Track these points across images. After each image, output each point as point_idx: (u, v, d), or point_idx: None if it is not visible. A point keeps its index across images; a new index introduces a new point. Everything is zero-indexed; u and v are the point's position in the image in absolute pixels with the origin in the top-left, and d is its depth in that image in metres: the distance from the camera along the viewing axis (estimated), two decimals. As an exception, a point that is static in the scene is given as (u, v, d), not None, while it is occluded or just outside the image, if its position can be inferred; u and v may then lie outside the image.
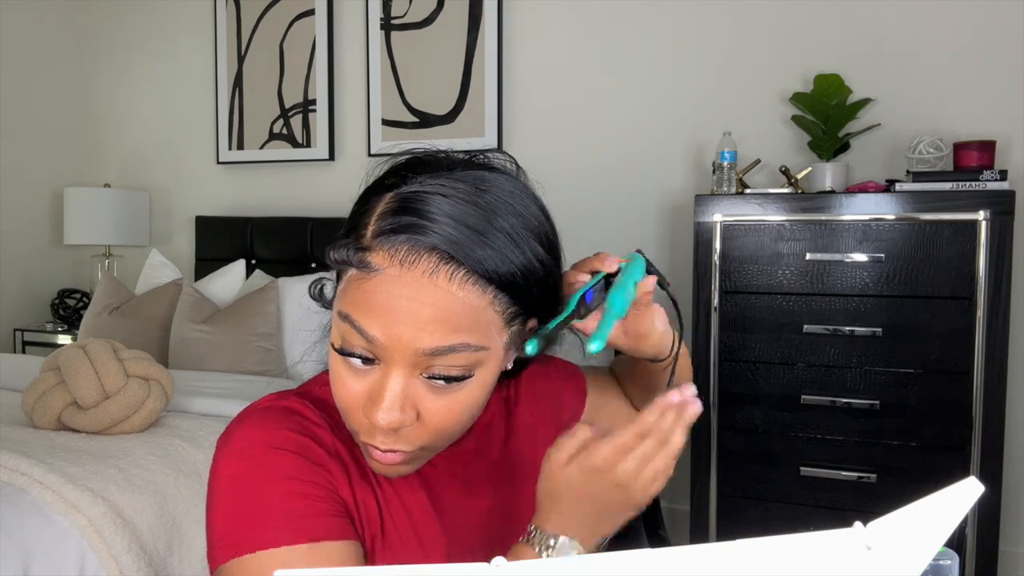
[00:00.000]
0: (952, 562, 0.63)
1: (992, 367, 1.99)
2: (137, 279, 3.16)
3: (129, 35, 3.61)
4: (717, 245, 2.23)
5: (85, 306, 3.37)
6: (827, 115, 2.32)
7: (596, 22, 2.79)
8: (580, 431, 0.62)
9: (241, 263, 3.09)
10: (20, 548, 1.42)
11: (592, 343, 0.64)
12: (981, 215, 1.99)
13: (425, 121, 3.04)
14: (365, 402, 0.62)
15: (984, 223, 1.98)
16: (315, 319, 0.74)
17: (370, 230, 0.61)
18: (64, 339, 3.31)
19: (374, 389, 0.62)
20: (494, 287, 0.60)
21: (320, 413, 0.70)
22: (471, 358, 0.61)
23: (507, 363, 0.67)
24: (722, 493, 2.26)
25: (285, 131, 3.29)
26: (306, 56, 3.23)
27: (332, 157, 3.21)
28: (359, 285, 0.60)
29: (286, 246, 3.17)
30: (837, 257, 2.11)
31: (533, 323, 0.67)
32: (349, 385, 0.63)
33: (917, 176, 2.13)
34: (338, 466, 0.67)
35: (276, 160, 3.31)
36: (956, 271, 2.02)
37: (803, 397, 2.16)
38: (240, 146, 3.37)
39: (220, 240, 3.31)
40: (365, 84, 3.14)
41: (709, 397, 2.24)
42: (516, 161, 0.70)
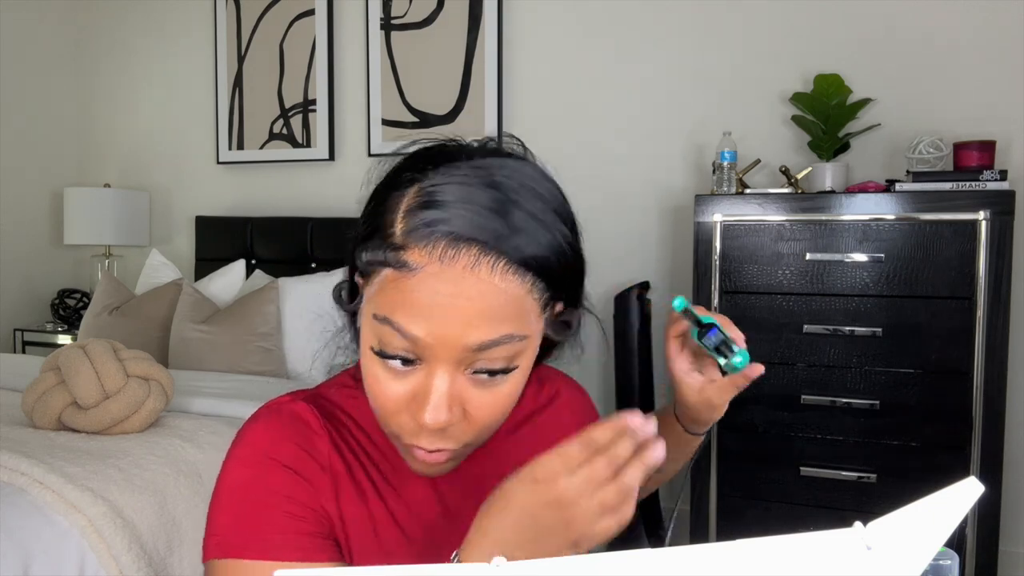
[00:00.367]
0: (952, 562, 0.63)
1: (992, 367, 1.99)
2: (137, 279, 3.15)
3: (129, 35, 3.61)
4: (717, 245, 2.23)
5: (85, 306, 3.37)
6: (827, 115, 2.32)
7: (596, 22, 2.79)
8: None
9: (241, 263, 3.09)
10: (20, 548, 1.42)
11: (738, 356, 0.74)
12: (981, 215, 1.99)
13: (425, 121, 3.04)
14: (409, 403, 0.61)
15: (984, 223, 1.98)
16: (317, 320, 0.73)
17: (399, 228, 0.59)
18: (64, 339, 3.31)
19: (418, 390, 0.61)
20: (532, 274, 0.59)
21: (323, 421, 0.69)
22: (514, 348, 0.60)
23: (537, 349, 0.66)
24: (722, 493, 2.26)
25: (285, 131, 3.29)
26: (306, 56, 3.23)
27: (332, 157, 3.21)
28: (396, 285, 0.58)
29: (286, 246, 3.17)
30: (837, 257, 2.11)
31: (560, 307, 0.65)
32: (390, 388, 0.61)
33: (917, 176, 2.13)
34: (328, 481, 0.67)
35: (276, 160, 3.31)
36: (956, 271, 2.02)
37: (803, 397, 2.16)
38: (240, 146, 3.37)
39: (220, 240, 3.31)
40: (365, 84, 3.14)
41: (709, 397, 2.23)
42: (523, 143, 0.69)
